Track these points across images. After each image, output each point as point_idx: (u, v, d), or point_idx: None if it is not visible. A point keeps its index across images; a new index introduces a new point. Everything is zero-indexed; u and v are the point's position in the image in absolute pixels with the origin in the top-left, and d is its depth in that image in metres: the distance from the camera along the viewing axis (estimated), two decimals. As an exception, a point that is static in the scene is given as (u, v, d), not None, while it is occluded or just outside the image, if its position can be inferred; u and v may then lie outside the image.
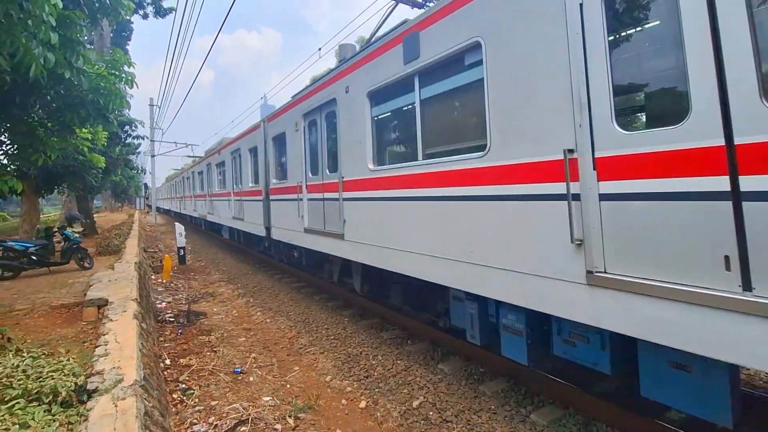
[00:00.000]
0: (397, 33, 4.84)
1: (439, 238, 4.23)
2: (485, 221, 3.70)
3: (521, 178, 3.37)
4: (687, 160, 2.39)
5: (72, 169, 11.44)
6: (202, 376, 4.82)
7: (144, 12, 23.69)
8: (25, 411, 2.74)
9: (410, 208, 4.64)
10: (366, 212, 5.51)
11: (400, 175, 4.82)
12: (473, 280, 3.84)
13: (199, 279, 10.99)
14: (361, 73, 5.57)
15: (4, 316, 5.79)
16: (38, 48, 4.36)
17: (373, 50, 5.32)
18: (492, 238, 3.64)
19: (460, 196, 3.97)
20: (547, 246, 3.14)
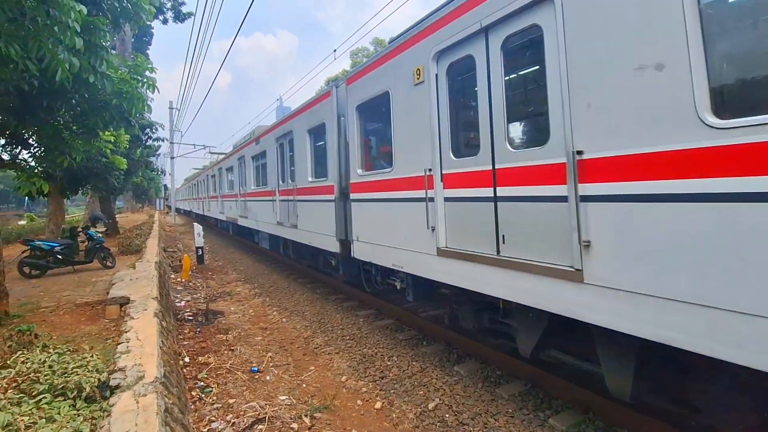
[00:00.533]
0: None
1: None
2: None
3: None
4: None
5: (95, 171, 11.77)
6: (220, 374, 4.89)
7: (164, 17, 24.22)
8: (51, 405, 2.83)
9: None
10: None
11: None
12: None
13: (217, 278, 11.16)
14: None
15: (32, 312, 5.98)
16: (64, 53, 4.50)
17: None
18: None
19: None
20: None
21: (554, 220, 3.25)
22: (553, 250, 3.27)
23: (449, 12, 4.25)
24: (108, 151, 9.19)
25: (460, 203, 4.33)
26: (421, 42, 4.76)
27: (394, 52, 5.33)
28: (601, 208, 2.90)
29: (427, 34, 4.65)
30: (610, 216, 2.84)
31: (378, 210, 5.81)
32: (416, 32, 4.85)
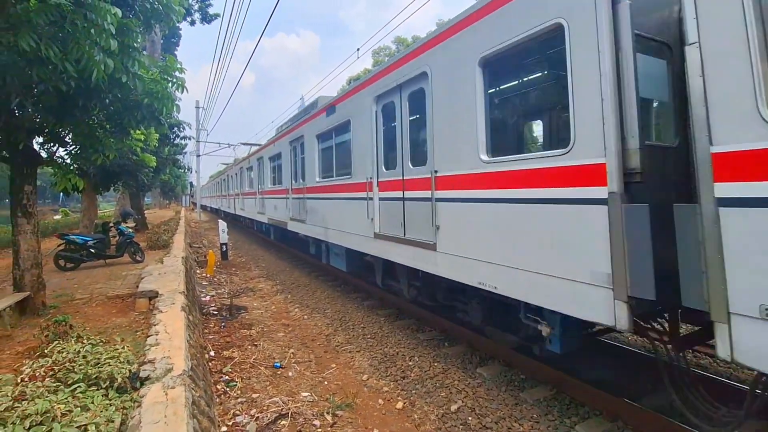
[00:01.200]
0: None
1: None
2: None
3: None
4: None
5: (126, 168, 12.19)
6: (243, 369, 4.97)
7: (191, 19, 24.85)
8: (85, 394, 2.93)
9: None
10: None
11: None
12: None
13: (240, 274, 11.38)
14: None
15: (67, 304, 6.24)
16: (99, 54, 4.64)
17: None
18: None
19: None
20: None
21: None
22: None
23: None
24: (138, 149, 9.50)
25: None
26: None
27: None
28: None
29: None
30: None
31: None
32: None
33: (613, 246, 2.90)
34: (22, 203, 5.65)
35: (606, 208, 2.93)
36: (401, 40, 36.37)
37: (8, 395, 2.77)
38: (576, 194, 3.17)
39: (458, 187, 4.41)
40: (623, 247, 2.83)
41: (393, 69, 5.79)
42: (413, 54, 5.29)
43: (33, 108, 5.55)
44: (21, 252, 5.66)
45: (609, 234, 2.92)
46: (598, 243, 2.99)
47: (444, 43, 4.68)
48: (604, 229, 2.95)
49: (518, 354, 4.82)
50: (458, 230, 4.44)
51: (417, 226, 5.19)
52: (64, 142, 6.62)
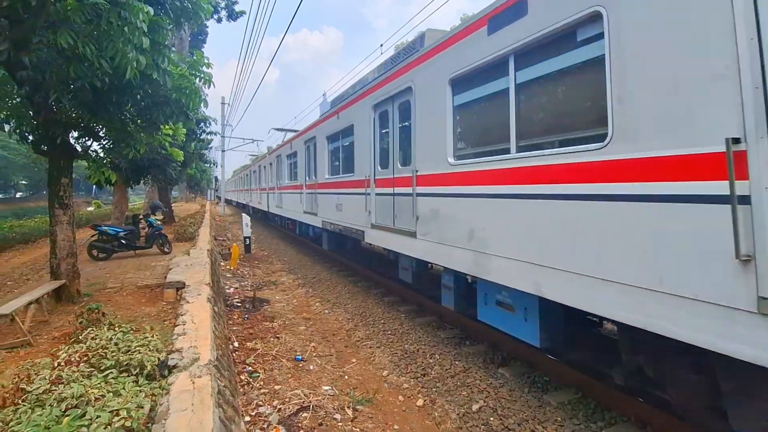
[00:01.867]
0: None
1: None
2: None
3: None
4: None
5: (156, 162, 12.56)
6: (266, 361, 5.06)
7: (218, 16, 25.30)
8: (117, 380, 3.03)
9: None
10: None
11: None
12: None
13: (263, 268, 11.58)
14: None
15: (99, 292, 6.50)
16: (132, 52, 4.78)
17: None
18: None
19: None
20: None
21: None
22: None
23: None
24: (167, 143, 9.75)
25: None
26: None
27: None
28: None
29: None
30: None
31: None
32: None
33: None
34: (59, 195, 5.90)
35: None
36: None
37: (46, 379, 2.90)
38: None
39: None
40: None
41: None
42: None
43: (70, 103, 5.76)
44: (58, 242, 5.91)
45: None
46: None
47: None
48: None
49: (541, 354, 4.73)
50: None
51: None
52: (98, 136, 6.88)
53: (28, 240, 13.95)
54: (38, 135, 6.05)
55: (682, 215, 2.53)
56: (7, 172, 59.35)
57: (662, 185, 2.64)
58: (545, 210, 3.54)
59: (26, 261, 10.43)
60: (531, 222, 3.69)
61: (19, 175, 63.46)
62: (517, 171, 3.88)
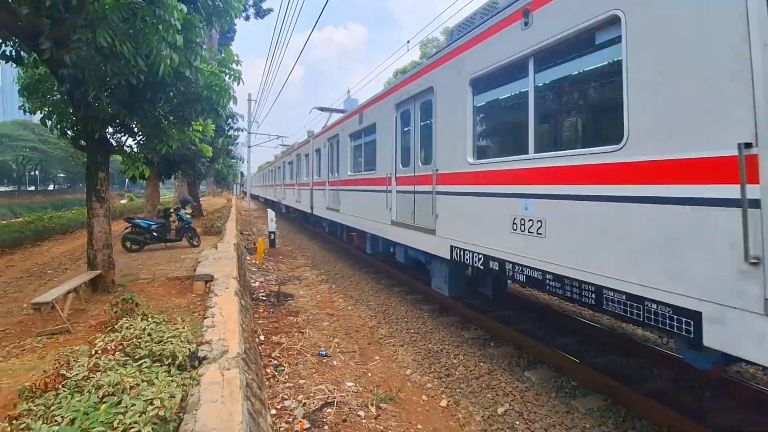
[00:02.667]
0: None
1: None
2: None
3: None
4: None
5: (186, 158, 12.91)
6: (291, 355, 5.12)
7: (246, 14, 25.73)
8: (150, 370, 3.12)
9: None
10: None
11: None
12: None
13: (287, 262, 11.75)
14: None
15: (132, 283, 6.73)
16: (166, 49, 4.90)
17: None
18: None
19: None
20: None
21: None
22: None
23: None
24: (197, 139, 10.00)
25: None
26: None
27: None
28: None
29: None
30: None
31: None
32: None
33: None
34: (96, 189, 6.13)
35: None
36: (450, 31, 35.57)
37: (84, 366, 3.01)
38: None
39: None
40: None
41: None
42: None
43: (107, 100, 5.97)
44: (94, 233, 6.15)
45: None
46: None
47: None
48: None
49: (569, 359, 4.60)
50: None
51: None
52: (132, 132, 7.10)
53: (66, 231, 14.61)
54: (77, 131, 6.30)
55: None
56: (47, 165, 62.48)
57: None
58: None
59: (65, 251, 10.93)
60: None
61: (57, 169, 66.74)
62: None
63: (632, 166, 3.05)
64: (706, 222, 2.55)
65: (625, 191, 3.09)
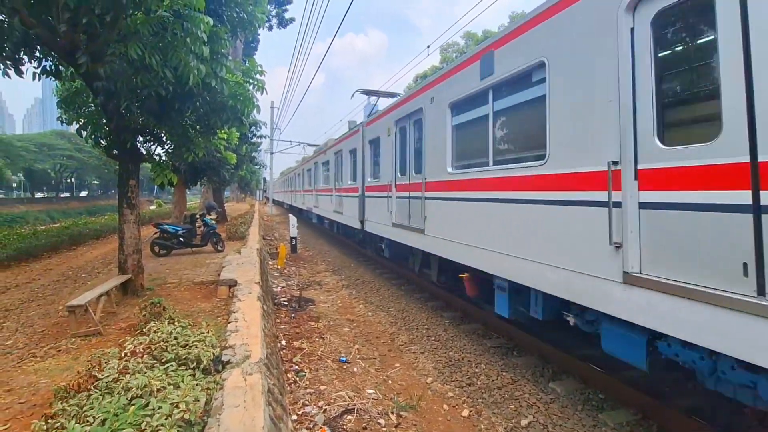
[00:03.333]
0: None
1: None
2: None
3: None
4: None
5: (211, 165, 13.28)
6: (312, 360, 5.15)
7: (269, 24, 26.36)
8: (176, 373, 3.20)
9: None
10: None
11: None
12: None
13: (308, 268, 11.87)
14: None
15: (160, 287, 6.94)
16: (194, 61, 5.07)
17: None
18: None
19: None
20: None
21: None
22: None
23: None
24: (221, 147, 10.28)
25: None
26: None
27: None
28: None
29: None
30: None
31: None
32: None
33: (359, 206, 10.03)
34: (127, 196, 6.37)
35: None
36: (470, 35, 35.42)
37: (114, 368, 3.12)
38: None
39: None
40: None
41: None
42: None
43: (138, 111, 6.22)
44: (125, 239, 6.38)
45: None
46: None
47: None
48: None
49: (596, 371, 4.46)
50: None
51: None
52: (161, 141, 7.36)
53: (99, 236, 15.24)
54: (110, 140, 6.58)
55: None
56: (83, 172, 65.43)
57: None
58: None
59: (97, 255, 11.39)
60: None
61: (92, 176, 69.79)
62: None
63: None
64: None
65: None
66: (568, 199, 3.83)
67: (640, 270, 3.15)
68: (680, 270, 2.85)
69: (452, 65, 6.24)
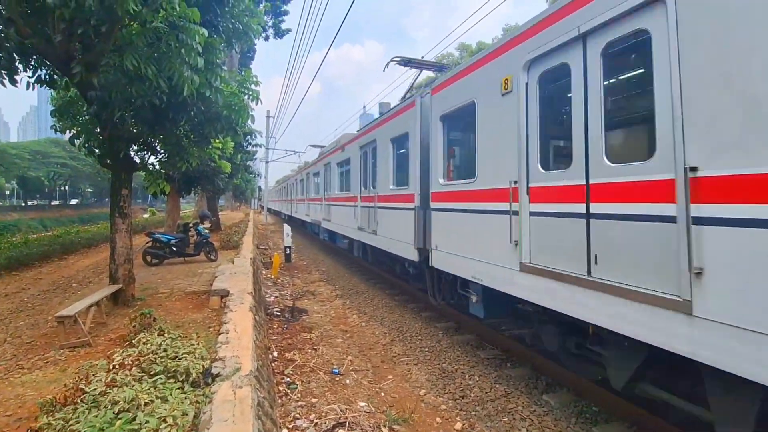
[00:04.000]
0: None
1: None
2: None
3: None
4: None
5: (205, 174, 13.26)
6: (304, 372, 5.10)
7: (265, 34, 26.56)
8: (164, 386, 3.15)
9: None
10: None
11: None
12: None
13: (302, 277, 11.81)
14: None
15: (151, 297, 6.87)
16: (188, 71, 5.09)
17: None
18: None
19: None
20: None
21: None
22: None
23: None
24: (216, 156, 10.30)
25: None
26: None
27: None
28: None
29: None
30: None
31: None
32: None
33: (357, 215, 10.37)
34: (119, 205, 6.33)
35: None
36: (465, 47, 35.91)
37: (102, 381, 3.07)
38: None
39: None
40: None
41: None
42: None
43: (132, 120, 6.21)
44: (117, 248, 6.33)
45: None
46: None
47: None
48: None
49: (590, 383, 4.44)
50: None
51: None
52: (155, 150, 7.35)
53: (91, 244, 15.09)
54: (103, 149, 6.55)
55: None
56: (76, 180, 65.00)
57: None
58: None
59: (89, 264, 11.26)
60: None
61: (86, 184, 69.35)
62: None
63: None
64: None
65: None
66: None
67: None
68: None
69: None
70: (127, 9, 4.29)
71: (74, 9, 4.39)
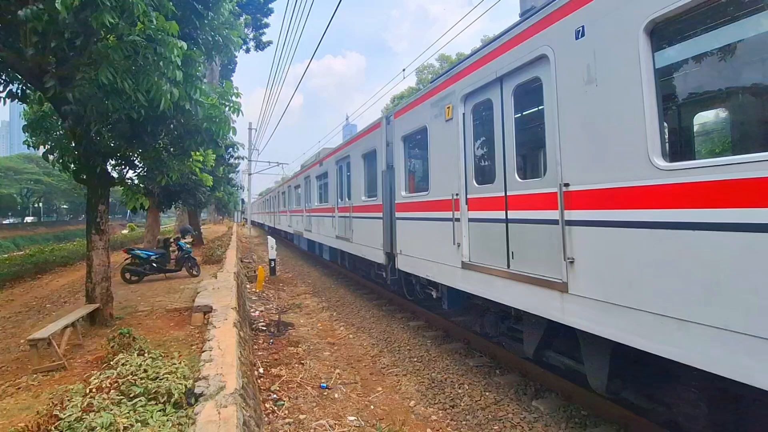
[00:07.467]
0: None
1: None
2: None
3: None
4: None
5: (186, 188, 13.00)
6: (291, 388, 4.99)
7: (247, 47, 26.50)
8: (145, 408, 3.03)
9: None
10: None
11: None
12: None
13: (287, 290, 11.64)
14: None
15: (131, 315, 6.64)
16: (166, 85, 5.01)
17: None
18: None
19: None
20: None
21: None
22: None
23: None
24: (197, 169, 10.10)
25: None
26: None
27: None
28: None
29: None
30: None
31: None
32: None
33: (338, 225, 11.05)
34: (96, 222, 6.14)
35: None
36: (445, 58, 36.54)
37: (78, 406, 2.93)
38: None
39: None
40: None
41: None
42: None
43: (108, 135, 6.06)
44: (93, 266, 6.12)
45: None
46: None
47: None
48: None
49: (578, 388, 4.47)
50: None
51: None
52: (133, 164, 7.18)
53: (66, 263, 14.56)
54: (79, 164, 6.37)
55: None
56: (51, 197, 63.02)
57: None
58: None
59: (65, 283, 10.86)
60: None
61: (61, 200, 67.27)
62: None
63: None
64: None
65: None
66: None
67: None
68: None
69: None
70: (103, 22, 4.21)
71: (47, 22, 4.29)
